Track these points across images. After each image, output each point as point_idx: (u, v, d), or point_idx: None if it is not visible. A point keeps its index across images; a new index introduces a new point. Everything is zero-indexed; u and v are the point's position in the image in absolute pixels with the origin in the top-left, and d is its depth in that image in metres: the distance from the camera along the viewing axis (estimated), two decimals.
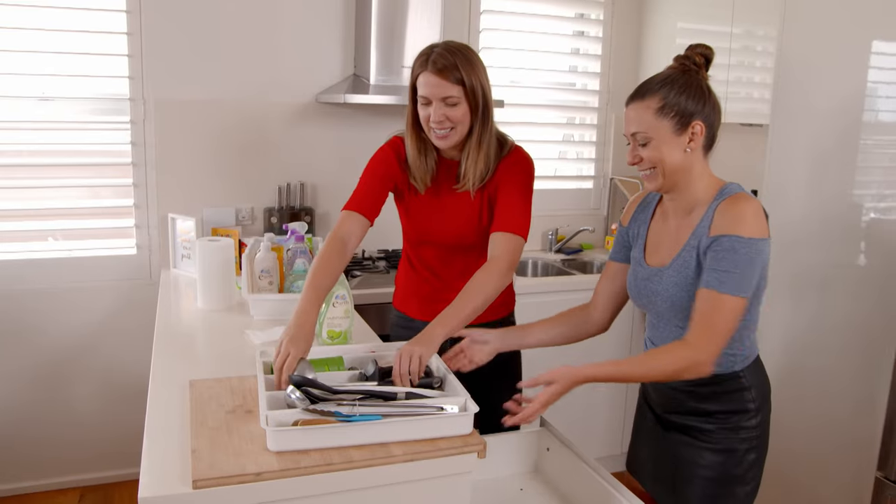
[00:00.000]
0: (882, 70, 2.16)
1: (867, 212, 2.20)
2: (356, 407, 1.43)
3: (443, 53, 1.82)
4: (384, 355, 1.72)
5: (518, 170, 1.96)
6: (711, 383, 1.64)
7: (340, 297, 1.97)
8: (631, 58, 3.70)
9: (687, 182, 1.60)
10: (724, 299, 1.49)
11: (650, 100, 1.55)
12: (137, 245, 3.03)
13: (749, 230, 1.49)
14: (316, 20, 3.11)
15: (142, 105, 2.93)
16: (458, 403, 1.48)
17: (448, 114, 1.84)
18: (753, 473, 1.69)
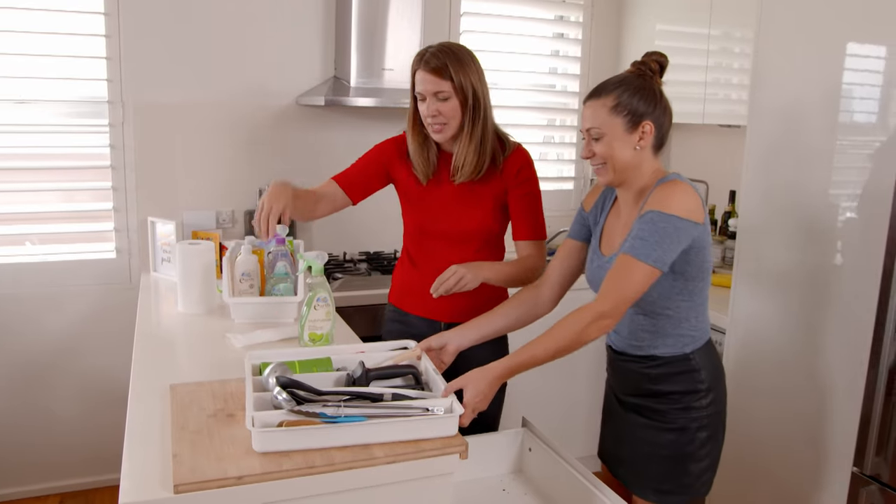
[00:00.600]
0: (857, 72, 2.19)
1: (843, 211, 2.23)
2: (341, 408, 1.43)
3: (435, 53, 1.99)
4: (371, 356, 1.72)
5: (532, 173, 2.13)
6: (664, 364, 1.76)
7: (322, 299, 1.97)
8: (610, 60, 3.73)
9: (636, 178, 1.73)
10: (634, 264, 1.59)
11: (605, 98, 1.69)
12: (117, 249, 3.01)
13: (672, 208, 1.59)
14: (296, 22, 3.11)
15: (120, 108, 2.91)
16: (445, 405, 1.49)
17: (440, 108, 1.99)
18: (707, 451, 1.79)
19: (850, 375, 2.22)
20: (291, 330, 2.15)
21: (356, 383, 1.59)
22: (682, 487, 1.80)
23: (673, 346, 1.77)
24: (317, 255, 2.07)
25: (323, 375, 1.62)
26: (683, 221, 1.60)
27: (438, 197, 2.13)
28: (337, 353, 1.74)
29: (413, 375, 1.65)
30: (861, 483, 2.08)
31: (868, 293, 2.13)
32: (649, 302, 1.75)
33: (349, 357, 1.72)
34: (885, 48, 2.09)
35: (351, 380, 1.61)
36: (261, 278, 2.38)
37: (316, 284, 1.97)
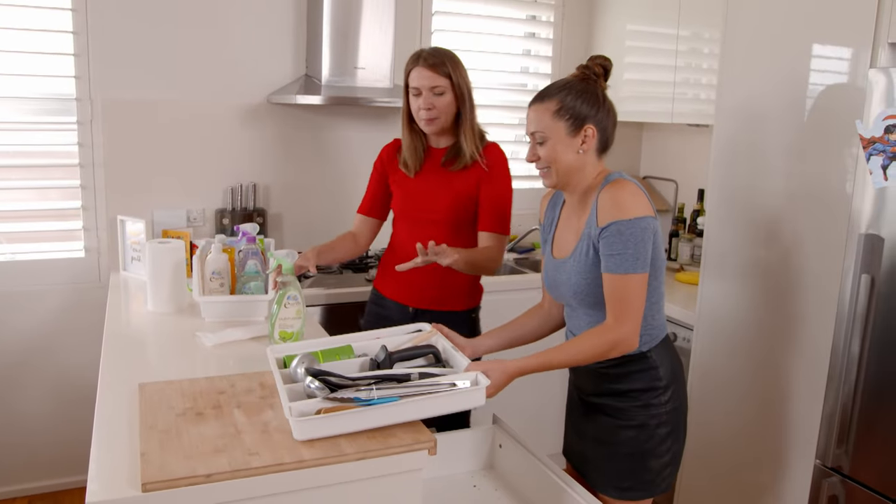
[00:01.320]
0: (822, 73, 2.23)
1: (806, 209, 2.27)
2: (373, 391, 1.48)
3: (432, 52, 2.21)
4: (389, 341, 1.78)
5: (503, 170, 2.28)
6: (622, 364, 1.79)
7: (292, 297, 1.97)
8: (581, 59, 3.72)
9: (580, 179, 1.77)
10: (626, 279, 1.65)
11: (549, 102, 1.73)
12: (86, 248, 2.98)
13: (629, 211, 1.64)
14: (267, 20, 3.09)
15: (89, 105, 2.88)
16: (470, 378, 1.56)
17: (434, 102, 2.18)
18: (667, 447, 1.82)
19: (812, 370, 2.26)
20: (262, 328, 2.15)
21: (380, 367, 1.66)
22: (643, 484, 1.82)
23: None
24: (287, 254, 2.08)
25: (347, 362, 1.68)
26: (644, 220, 1.65)
27: (420, 185, 2.30)
28: (355, 340, 1.80)
29: (433, 354, 1.73)
30: (823, 475, 2.13)
31: (829, 289, 2.18)
32: (597, 302, 1.77)
33: (367, 343, 1.78)
34: (849, 50, 2.14)
35: (375, 364, 1.67)
36: (231, 277, 2.37)
37: (286, 283, 1.97)
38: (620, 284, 1.66)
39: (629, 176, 1.75)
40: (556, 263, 1.85)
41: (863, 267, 2.01)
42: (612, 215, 1.66)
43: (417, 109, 2.21)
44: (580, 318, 1.84)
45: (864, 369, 2.02)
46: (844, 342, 2.07)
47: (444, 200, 2.26)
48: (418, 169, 2.31)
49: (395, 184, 2.36)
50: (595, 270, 1.73)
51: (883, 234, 1.96)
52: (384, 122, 3.36)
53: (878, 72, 1.96)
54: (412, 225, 2.32)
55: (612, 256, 1.66)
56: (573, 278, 1.77)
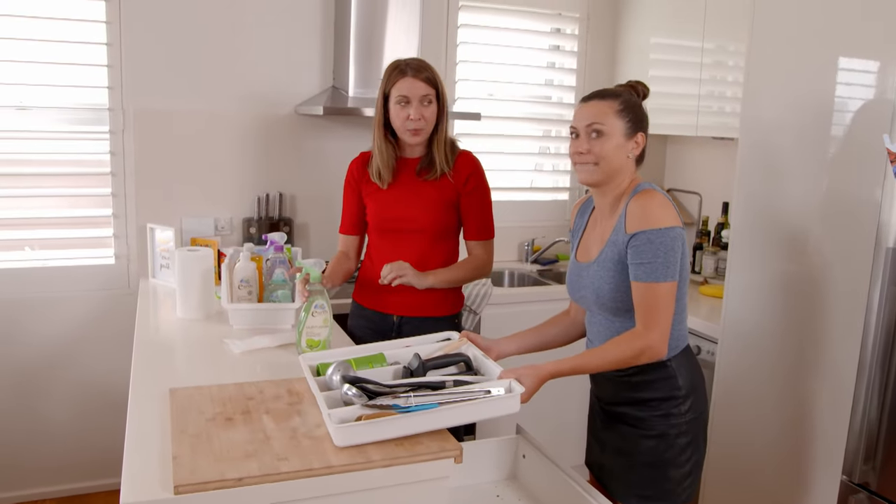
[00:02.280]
0: (849, 86, 2.22)
1: (832, 223, 2.26)
2: (411, 398, 1.50)
3: (417, 62, 2.21)
4: (419, 349, 1.80)
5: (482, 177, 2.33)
6: (642, 372, 1.80)
7: (319, 306, 2.00)
8: (605, 72, 3.77)
9: (618, 184, 1.79)
10: (655, 287, 1.67)
11: (612, 101, 1.76)
12: (116, 255, 3.03)
13: (659, 221, 1.67)
14: (295, 33, 3.14)
15: (121, 115, 2.94)
16: (504, 386, 1.58)
17: (423, 112, 2.18)
18: (687, 457, 1.81)
19: (838, 383, 2.24)
20: (288, 336, 2.17)
21: (414, 374, 1.68)
22: (664, 493, 1.82)
23: None
24: (315, 263, 2.11)
25: (380, 370, 1.71)
26: (673, 230, 1.68)
27: (396, 196, 2.30)
28: (385, 348, 1.83)
29: (465, 363, 1.75)
30: (850, 491, 2.11)
31: (856, 303, 2.17)
32: (626, 310, 1.79)
33: (398, 352, 1.81)
34: (877, 63, 2.13)
35: (409, 372, 1.70)
36: (259, 285, 2.40)
37: (314, 291, 2.00)
38: (650, 293, 1.68)
39: (658, 186, 1.78)
40: (579, 267, 1.88)
41: (891, 281, 2.00)
42: (641, 224, 1.68)
43: (404, 119, 2.19)
44: (600, 323, 1.86)
45: (891, 383, 2.01)
46: (872, 356, 2.05)
47: (420, 211, 2.27)
48: (390, 180, 2.30)
49: (369, 196, 2.35)
50: (618, 277, 1.74)
51: None
52: None
53: None
54: (389, 236, 2.33)
55: (641, 265, 1.68)
56: (596, 283, 1.79)
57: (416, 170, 2.29)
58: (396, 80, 2.19)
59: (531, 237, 3.75)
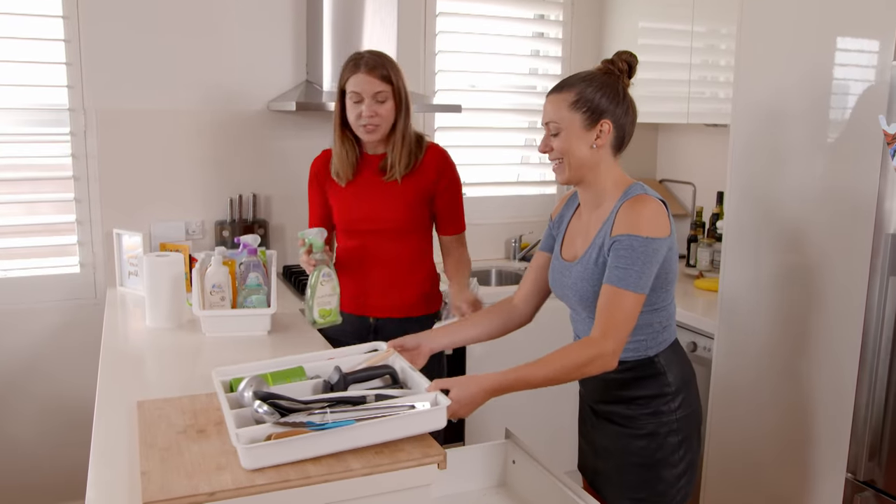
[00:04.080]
0: (847, 67, 2.23)
1: (830, 211, 2.28)
2: (327, 415, 1.46)
3: (372, 57, 2.21)
4: (343, 361, 1.75)
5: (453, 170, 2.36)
6: (629, 369, 1.80)
7: (326, 274, 2.06)
8: (592, 59, 3.78)
9: (594, 177, 1.78)
10: (623, 295, 1.66)
11: (566, 93, 1.74)
12: (81, 263, 3.01)
13: (646, 230, 1.66)
14: (265, 25, 3.13)
15: (82, 115, 2.92)
16: (429, 399, 1.53)
17: (377, 109, 2.18)
18: (680, 456, 1.82)
19: (840, 378, 2.26)
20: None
21: (334, 389, 1.63)
22: (658, 495, 1.82)
23: (635, 350, 1.80)
24: (318, 232, 2.12)
25: (299, 385, 1.65)
26: (657, 241, 1.67)
27: (359, 195, 2.31)
28: (307, 361, 1.76)
29: (390, 375, 1.70)
30: (855, 489, 2.12)
31: (856, 293, 2.18)
32: None
33: (321, 364, 1.74)
34: (877, 42, 2.14)
35: (329, 386, 1.64)
36: (232, 290, 2.39)
37: (319, 261, 2.06)
38: (615, 299, 1.66)
39: (653, 191, 1.76)
40: (563, 266, 1.87)
41: (891, 269, 2.01)
42: (628, 229, 1.67)
43: (357, 117, 2.20)
44: (585, 322, 1.86)
45: (895, 377, 2.02)
46: (873, 349, 2.06)
47: (385, 209, 2.28)
48: (350, 178, 2.31)
49: (333, 195, 2.36)
50: (601, 279, 1.74)
51: None
52: None
53: None
54: (356, 236, 2.33)
55: (617, 269, 1.67)
56: (579, 284, 1.79)
57: (379, 167, 2.30)
58: (350, 75, 2.20)
59: (519, 233, 3.76)
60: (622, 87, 1.76)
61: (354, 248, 2.34)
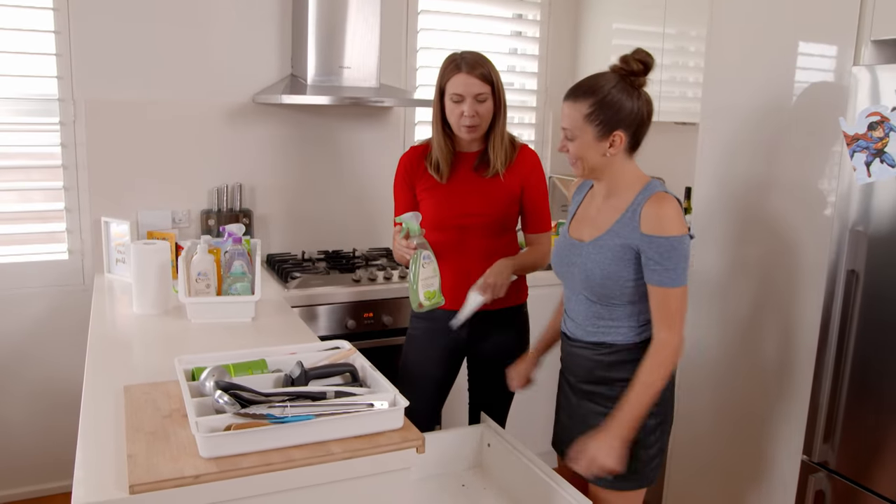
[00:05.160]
0: (807, 70, 2.26)
1: (795, 209, 2.30)
2: (287, 408, 1.44)
3: (472, 58, 2.17)
4: (306, 357, 1.73)
5: (542, 171, 2.34)
6: (616, 352, 1.84)
7: (426, 257, 2.05)
8: (568, 57, 3.78)
9: (610, 174, 1.83)
10: (673, 292, 1.74)
11: (582, 104, 1.77)
12: (69, 250, 2.97)
13: (675, 228, 1.72)
14: (252, 19, 3.10)
15: (71, 105, 2.87)
16: (388, 399, 1.52)
17: (478, 109, 2.16)
18: (655, 438, 1.85)
19: (799, 365, 2.29)
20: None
21: (295, 383, 1.60)
22: (632, 474, 1.84)
23: (625, 335, 1.83)
24: (413, 216, 2.10)
25: (260, 377, 1.63)
26: (685, 237, 1.74)
27: (455, 191, 2.26)
28: (270, 354, 1.74)
29: (350, 373, 1.68)
30: (810, 470, 2.16)
31: (816, 284, 2.21)
32: (608, 298, 1.81)
33: (283, 359, 1.72)
34: (834, 47, 2.16)
35: (290, 380, 1.62)
36: (217, 277, 2.38)
37: (419, 244, 2.04)
38: (668, 297, 1.74)
39: (668, 189, 1.80)
40: (570, 243, 1.90)
41: (848, 262, 2.04)
42: (663, 230, 1.72)
43: (459, 116, 2.17)
44: (580, 303, 1.89)
45: (848, 365, 2.05)
46: (830, 338, 2.10)
47: (481, 205, 2.25)
48: (449, 174, 2.27)
49: (425, 191, 2.30)
50: (614, 266, 1.78)
51: (867, 230, 1.99)
52: (371, 121, 3.37)
53: (861, 69, 1.99)
54: (447, 231, 2.27)
55: (666, 271, 1.73)
56: (588, 265, 1.82)
57: (474, 165, 2.27)
58: (451, 76, 2.16)
59: None
60: (635, 91, 1.77)
61: (444, 241, 2.27)
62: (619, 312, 1.82)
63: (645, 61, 1.77)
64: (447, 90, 2.18)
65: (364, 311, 2.86)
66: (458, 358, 2.38)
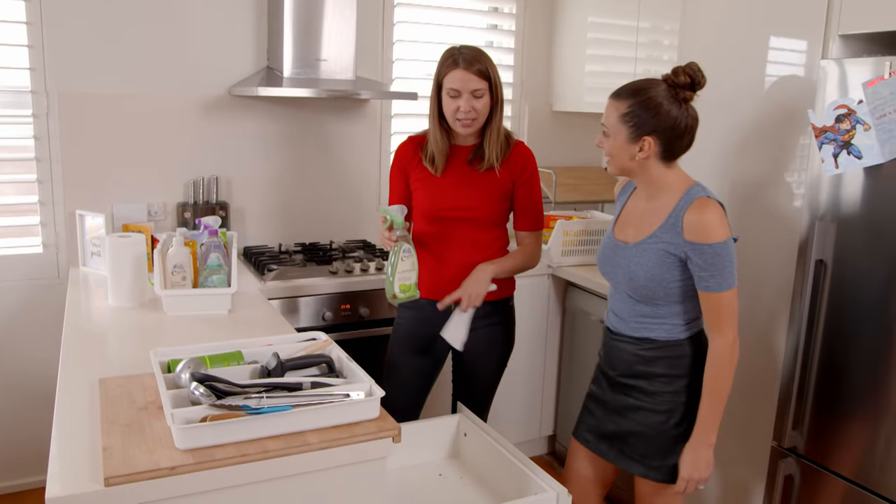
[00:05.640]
0: (778, 64, 2.28)
1: (766, 199, 2.33)
2: (263, 399, 1.44)
3: (472, 54, 2.17)
4: (282, 348, 1.73)
5: (535, 168, 2.33)
6: (659, 348, 1.86)
7: (406, 250, 2.05)
8: (543, 51, 3.79)
9: (646, 177, 1.84)
10: (723, 296, 1.76)
11: (622, 103, 1.79)
12: (44, 243, 2.93)
13: (720, 234, 1.73)
14: (227, 11, 3.06)
15: (44, 98, 2.83)
16: (364, 389, 1.52)
17: (474, 105, 2.16)
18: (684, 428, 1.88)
19: (769, 354, 2.32)
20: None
21: (271, 374, 1.60)
22: (669, 468, 1.87)
23: (669, 331, 1.86)
24: (398, 209, 2.10)
25: (236, 369, 1.62)
26: (729, 241, 1.75)
27: (449, 184, 2.27)
28: (246, 346, 1.73)
29: (327, 364, 1.68)
30: (780, 456, 2.19)
31: (785, 274, 2.24)
32: (651, 299, 1.84)
33: (259, 350, 1.72)
34: (804, 42, 2.19)
35: (266, 371, 1.62)
36: (193, 270, 2.36)
37: (400, 237, 2.05)
38: (718, 302, 1.76)
39: (713, 193, 1.81)
40: (615, 245, 1.92)
41: (816, 252, 2.07)
42: (708, 237, 1.73)
43: (455, 111, 2.17)
44: (623, 301, 1.92)
45: (817, 352, 2.08)
46: (799, 326, 2.13)
47: (473, 199, 2.25)
48: (443, 168, 2.27)
49: (419, 181, 2.30)
50: (657, 269, 1.80)
51: (834, 220, 2.02)
52: (347, 114, 3.36)
53: (829, 63, 2.02)
54: (439, 223, 2.28)
55: (713, 277, 1.75)
56: (632, 267, 1.84)
57: (468, 159, 2.27)
58: (448, 71, 2.16)
59: None
60: (682, 101, 1.78)
61: (435, 233, 2.29)
62: (665, 311, 1.85)
63: (693, 76, 1.78)
64: (444, 84, 2.17)
65: (341, 303, 2.85)
66: (444, 349, 2.39)
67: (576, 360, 3.21)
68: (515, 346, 2.46)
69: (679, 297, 1.83)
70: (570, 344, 3.24)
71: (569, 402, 3.28)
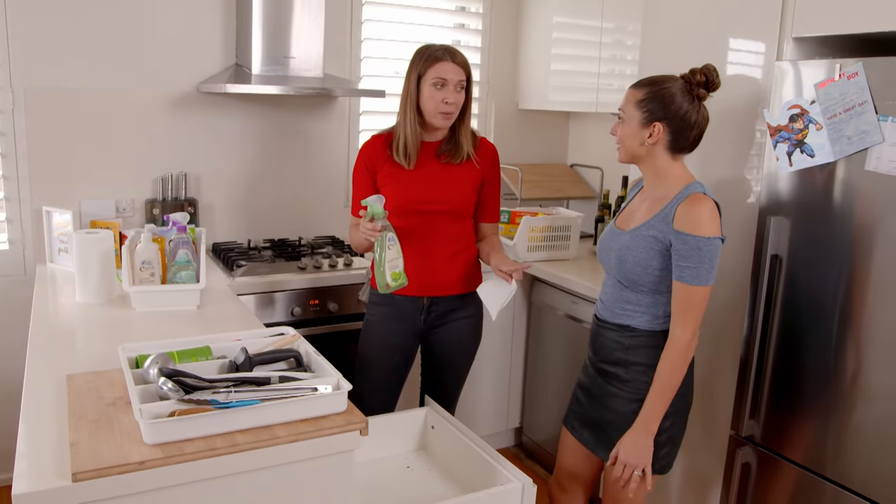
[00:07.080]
0: (736, 65, 2.32)
1: (722, 196, 2.36)
2: (231, 394, 1.43)
3: (452, 48, 2.23)
4: (250, 343, 1.72)
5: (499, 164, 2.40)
6: (637, 336, 1.90)
7: (391, 239, 2.05)
8: (509, 50, 3.80)
9: (651, 166, 1.90)
10: (694, 290, 1.79)
11: (638, 91, 1.87)
12: (10, 240, 2.88)
13: (708, 230, 1.77)
14: (196, 8, 3.03)
15: (9, 93, 2.77)
16: (331, 383, 1.52)
17: (457, 97, 2.21)
18: (665, 427, 1.89)
19: (728, 346, 2.36)
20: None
21: (239, 369, 1.59)
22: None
23: (649, 322, 1.89)
24: (377, 199, 2.08)
25: (205, 364, 1.61)
26: (717, 240, 1.78)
27: (421, 178, 2.27)
28: (214, 341, 1.72)
29: (295, 359, 1.67)
30: (737, 444, 2.24)
31: (742, 268, 2.28)
32: (637, 285, 1.88)
33: (228, 345, 1.71)
34: (763, 44, 2.22)
35: (234, 366, 1.61)
36: (162, 266, 2.33)
37: (384, 227, 2.05)
38: (688, 294, 1.79)
39: (710, 192, 1.85)
40: (614, 231, 1.98)
41: (772, 247, 2.11)
42: (692, 228, 1.77)
43: (439, 102, 2.18)
44: (612, 286, 1.96)
45: (772, 345, 2.13)
46: (754, 320, 2.17)
47: (448, 191, 2.27)
48: (415, 161, 2.26)
49: (388, 177, 2.28)
50: (645, 254, 1.84)
51: (788, 216, 2.07)
52: (316, 111, 3.34)
53: (784, 64, 2.06)
54: (411, 216, 2.27)
55: (688, 268, 1.78)
56: (622, 251, 1.89)
57: (437, 153, 2.29)
58: (434, 63, 2.18)
59: None
60: (694, 98, 1.84)
61: (407, 227, 2.26)
62: (647, 300, 1.88)
63: (708, 76, 1.84)
64: (428, 76, 2.18)
65: (310, 299, 2.84)
66: (415, 343, 2.39)
67: (541, 354, 3.23)
68: (482, 340, 2.47)
69: (660, 287, 1.86)
70: (536, 338, 3.26)
71: (535, 396, 3.30)
